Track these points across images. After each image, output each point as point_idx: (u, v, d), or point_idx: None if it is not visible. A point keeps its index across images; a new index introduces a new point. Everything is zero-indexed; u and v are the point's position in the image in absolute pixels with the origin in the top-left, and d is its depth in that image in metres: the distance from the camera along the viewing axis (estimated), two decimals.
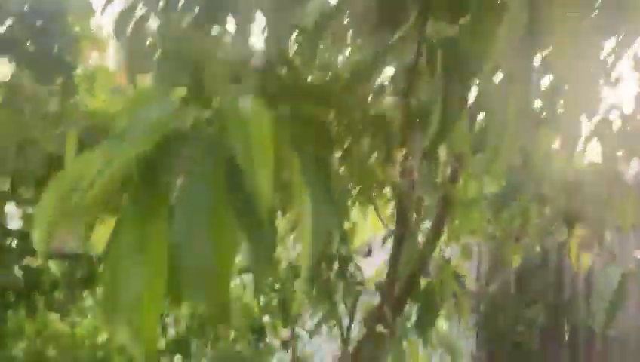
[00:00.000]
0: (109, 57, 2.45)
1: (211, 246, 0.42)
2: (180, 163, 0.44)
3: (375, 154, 1.21)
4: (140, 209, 0.44)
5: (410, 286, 1.64)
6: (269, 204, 0.40)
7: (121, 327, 0.43)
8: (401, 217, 1.52)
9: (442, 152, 1.20)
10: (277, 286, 2.36)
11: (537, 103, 1.69)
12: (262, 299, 2.59)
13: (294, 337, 2.99)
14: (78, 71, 2.13)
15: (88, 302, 2.67)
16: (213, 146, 0.45)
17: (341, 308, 1.97)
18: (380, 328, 1.50)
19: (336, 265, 1.76)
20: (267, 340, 2.73)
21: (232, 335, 2.41)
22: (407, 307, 1.81)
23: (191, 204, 0.43)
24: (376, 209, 1.94)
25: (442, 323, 3.36)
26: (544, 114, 1.66)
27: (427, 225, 1.72)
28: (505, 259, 3.14)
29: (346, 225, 1.76)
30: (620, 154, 1.77)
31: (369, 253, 4.45)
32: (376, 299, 1.78)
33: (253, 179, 0.40)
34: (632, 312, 3.78)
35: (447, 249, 2.11)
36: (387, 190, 1.98)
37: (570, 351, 4.07)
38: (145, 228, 0.43)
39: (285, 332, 2.90)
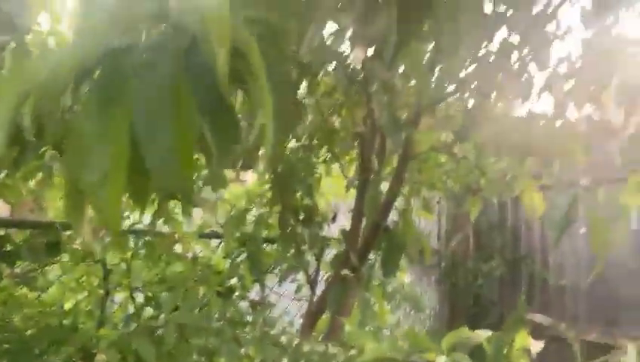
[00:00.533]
0: (63, 21, 2.38)
1: (172, 128, 0.44)
2: (141, 52, 0.47)
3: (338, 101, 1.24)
4: (102, 95, 0.46)
5: (374, 234, 1.70)
6: (226, 76, 0.43)
7: (85, 211, 0.45)
8: (364, 164, 1.57)
9: (404, 95, 1.24)
10: (244, 248, 2.38)
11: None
12: (229, 262, 2.62)
13: (263, 298, 3.04)
14: (30, 36, 2.07)
15: (54, 273, 2.64)
16: (173, 36, 0.47)
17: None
18: (346, 272, 1.56)
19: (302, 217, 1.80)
20: (236, 302, 2.76)
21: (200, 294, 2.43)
22: (372, 256, 1.87)
23: (151, 89, 0.45)
24: (340, 166, 1.98)
25: (405, 278, 3.46)
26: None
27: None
28: (464, 212, 3.25)
29: (311, 179, 1.80)
30: (569, 103, 1.86)
31: (334, 219, 4.53)
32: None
33: (212, 54, 0.43)
34: (583, 264, 4.00)
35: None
36: (353, 151, 2.02)
37: (527, 301, 4.28)
38: (108, 112, 0.45)
39: (253, 294, 2.94)
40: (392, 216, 1.81)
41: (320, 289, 1.96)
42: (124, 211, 2.22)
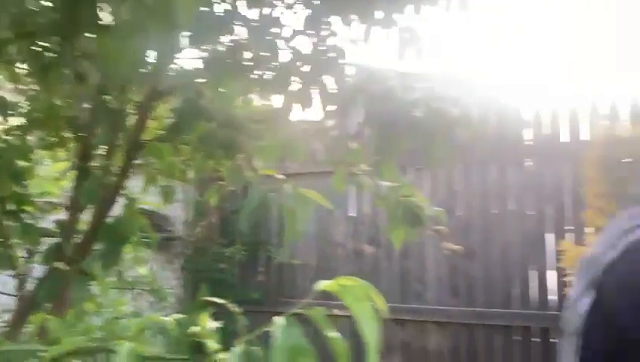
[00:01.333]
0: None
1: None
2: None
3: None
4: None
5: (97, 225, 1.64)
6: None
7: None
8: (83, 152, 1.50)
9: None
10: None
11: None
12: None
13: None
14: None
15: None
16: None
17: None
18: (60, 265, 1.47)
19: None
20: None
21: None
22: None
23: None
24: (66, 152, 1.85)
25: (146, 267, 3.40)
26: None
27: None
28: (205, 200, 3.33)
29: (23, 164, 1.64)
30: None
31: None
32: None
33: None
34: (312, 246, 4.50)
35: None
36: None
37: (265, 280, 4.67)
38: None
39: None
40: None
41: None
42: None
